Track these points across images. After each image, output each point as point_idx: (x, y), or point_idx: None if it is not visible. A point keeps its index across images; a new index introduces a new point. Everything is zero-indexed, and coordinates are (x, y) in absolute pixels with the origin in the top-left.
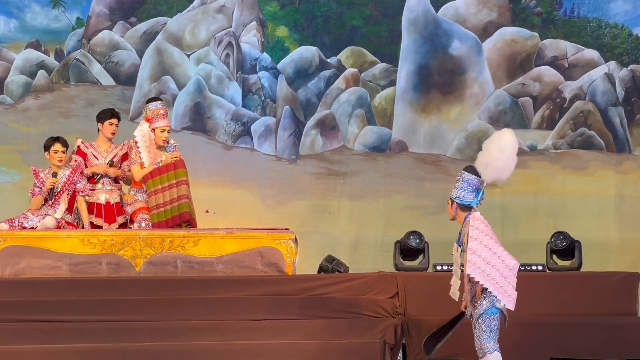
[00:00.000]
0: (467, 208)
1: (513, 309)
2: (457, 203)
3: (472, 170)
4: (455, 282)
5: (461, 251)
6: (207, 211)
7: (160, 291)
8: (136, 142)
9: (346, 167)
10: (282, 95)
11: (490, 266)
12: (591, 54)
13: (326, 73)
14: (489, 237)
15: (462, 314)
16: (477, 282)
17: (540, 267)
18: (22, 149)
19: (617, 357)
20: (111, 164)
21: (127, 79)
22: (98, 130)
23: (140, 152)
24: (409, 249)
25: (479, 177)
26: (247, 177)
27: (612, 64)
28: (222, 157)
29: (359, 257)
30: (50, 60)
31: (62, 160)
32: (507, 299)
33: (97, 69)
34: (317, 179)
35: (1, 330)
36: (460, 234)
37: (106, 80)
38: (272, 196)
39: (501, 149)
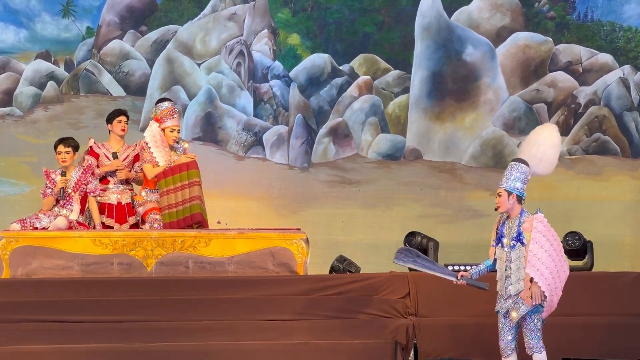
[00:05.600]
0: (520, 200)
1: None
2: (515, 194)
3: (523, 162)
4: (517, 282)
5: (514, 244)
6: (218, 222)
7: (172, 291)
8: (147, 143)
9: (360, 175)
10: (294, 104)
11: (549, 272)
12: (605, 58)
13: (338, 80)
14: (549, 243)
15: (455, 274)
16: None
17: None
18: (31, 160)
19: (629, 357)
20: (115, 155)
21: (137, 89)
22: (109, 131)
23: (152, 152)
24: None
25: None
26: (259, 188)
27: (627, 68)
28: (234, 168)
29: (372, 266)
30: (60, 71)
31: (65, 161)
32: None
33: (107, 80)
34: (330, 187)
35: (13, 330)
36: (503, 227)
37: (116, 90)
38: (285, 206)
39: (555, 145)
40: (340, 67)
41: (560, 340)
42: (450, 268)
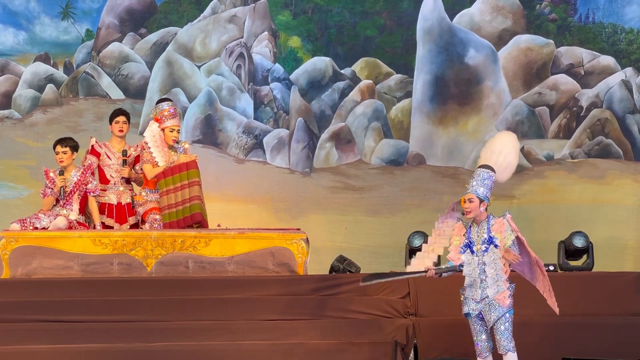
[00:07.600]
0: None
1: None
2: (486, 202)
3: (490, 168)
4: (495, 284)
5: (487, 248)
6: (219, 225)
7: (172, 291)
8: (147, 143)
9: (363, 181)
10: (295, 107)
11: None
12: (607, 60)
13: (340, 84)
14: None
15: (422, 270)
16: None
17: (552, 268)
18: (30, 164)
19: (629, 357)
20: (125, 153)
21: (136, 92)
22: (111, 132)
23: (152, 152)
24: (413, 249)
25: None
26: (259, 192)
27: (629, 70)
28: (234, 171)
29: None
30: (59, 73)
31: (62, 161)
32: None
33: (106, 82)
34: (332, 192)
35: (13, 330)
36: (469, 233)
37: (115, 93)
38: (286, 210)
39: (517, 152)
40: (342, 71)
41: (560, 340)
42: None
